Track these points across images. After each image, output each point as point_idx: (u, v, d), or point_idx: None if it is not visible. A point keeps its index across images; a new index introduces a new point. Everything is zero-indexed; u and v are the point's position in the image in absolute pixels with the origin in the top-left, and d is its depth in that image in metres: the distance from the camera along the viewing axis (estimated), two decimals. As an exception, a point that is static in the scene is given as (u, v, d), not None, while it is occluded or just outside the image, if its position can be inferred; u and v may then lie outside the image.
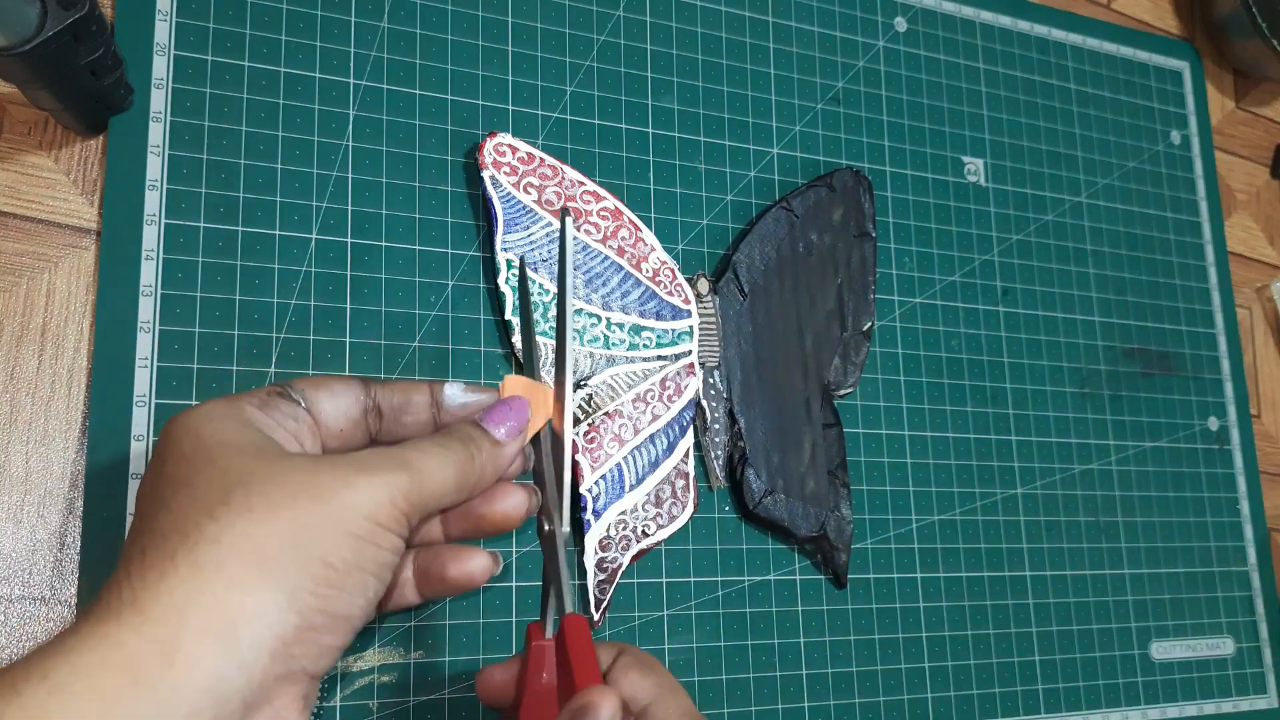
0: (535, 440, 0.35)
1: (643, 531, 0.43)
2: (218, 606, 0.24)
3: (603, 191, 0.46)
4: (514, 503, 0.33)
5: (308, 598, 0.26)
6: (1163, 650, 0.55)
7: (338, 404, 0.32)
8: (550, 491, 0.34)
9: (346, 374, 0.33)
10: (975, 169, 0.57)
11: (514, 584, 0.42)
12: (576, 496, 0.43)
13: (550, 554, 0.34)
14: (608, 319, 0.44)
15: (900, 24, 0.56)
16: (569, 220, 0.36)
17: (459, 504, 0.32)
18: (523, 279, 0.39)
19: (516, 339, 0.43)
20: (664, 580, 0.45)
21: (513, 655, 0.35)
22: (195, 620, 0.24)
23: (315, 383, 0.32)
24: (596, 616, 0.42)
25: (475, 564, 0.34)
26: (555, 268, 0.44)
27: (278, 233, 0.41)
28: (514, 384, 0.35)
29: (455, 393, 0.34)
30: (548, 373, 0.43)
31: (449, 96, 0.45)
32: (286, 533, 0.26)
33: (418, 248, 0.43)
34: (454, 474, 0.30)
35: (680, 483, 0.45)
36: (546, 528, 0.34)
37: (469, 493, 0.32)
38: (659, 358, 0.45)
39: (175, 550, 0.25)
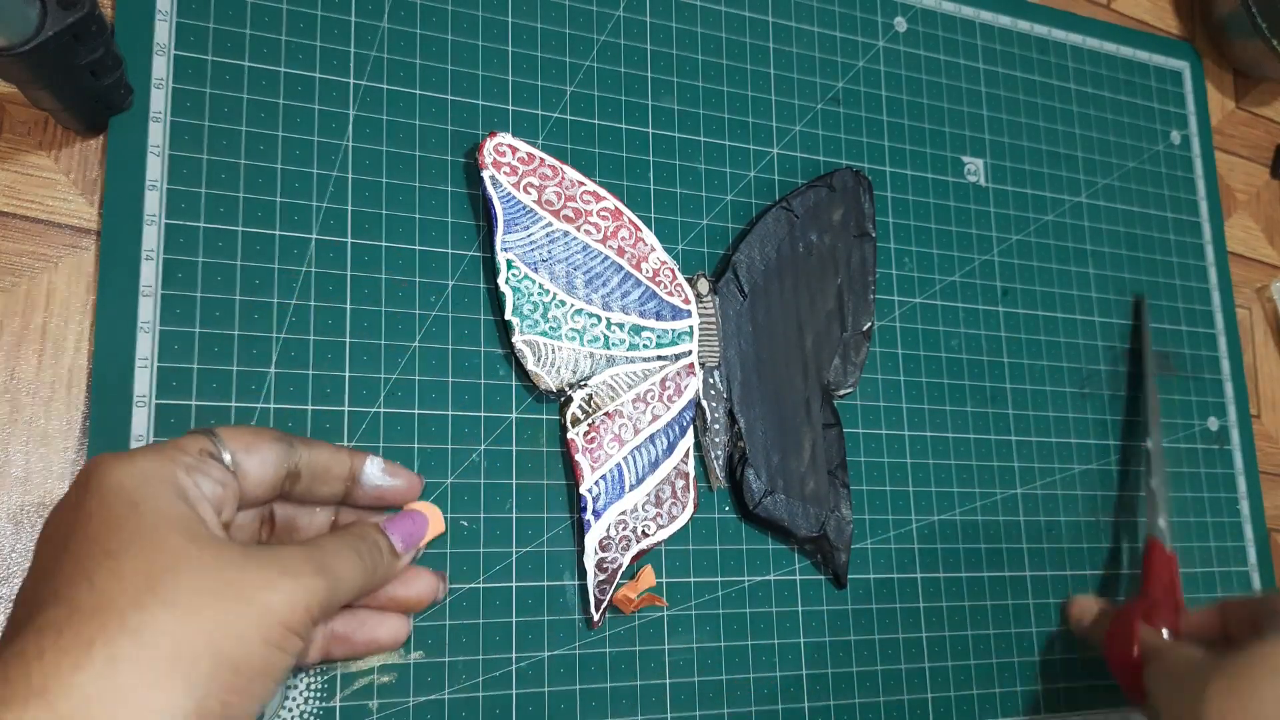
0: None
1: (643, 532, 0.43)
2: (128, 710, 0.24)
3: (603, 191, 0.46)
4: (423, 586, 0.37)
5: (214, 704, 0.25)
6: (1163, 650, 0.55)
7: (264, 469, 0.32)
8: None
9: (271, 430, 0.33)
10: (975, 169, 0.57)
11: (514, 584, 0.42)
12: (580, 513, 0.43)
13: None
14: (608, 319, 0.44)
15: (900, 24, 0.56)
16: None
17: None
18: None
19: (516, 339, 0.42)
20: (664, 580, 0.45)
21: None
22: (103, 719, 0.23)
23: (244, 442, 0.32)
24: (596, 617, 0.42)
25: (402, 628, 0.37)
26: (554, 268, 0.44)
27: (278, 233, 0.41)
28: (430, 511, 0.38)
29: (374, 472, 0.36)
30: (546, 370, 0.43)
31: (449, 96, 0.45)
32: (206, 633, 0.25)
33: (418, 248, 0.43)
34: (361, 582, 0.32)
35: (680, 483, 0.45)
36: None
37: (364, 595, 0.34)
38: (659, 358, 0.45)
39: (94, 639, 0.24)
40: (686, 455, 0.45)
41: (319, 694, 0.38)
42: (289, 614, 0.27)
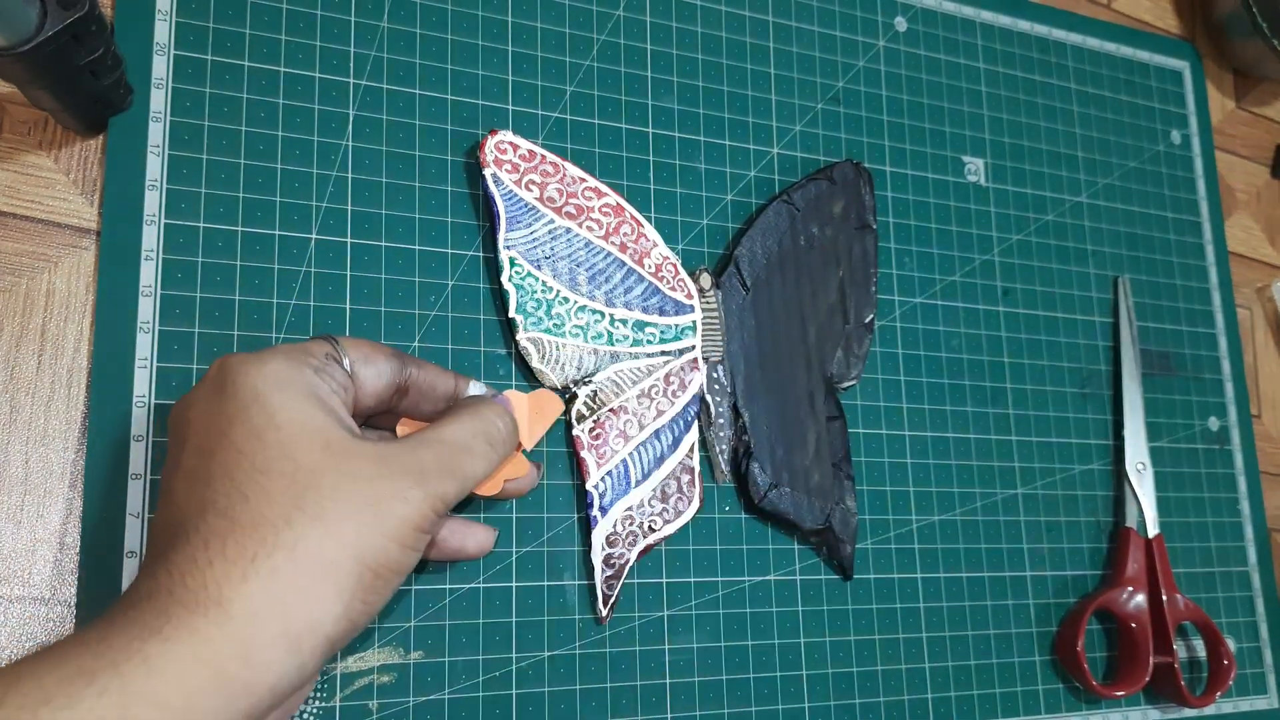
0: None
1: (649, 527, 0.43)
2: (289, 615, 0.26)
3: (604, 187, 0.46)
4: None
5: (359, 605, 0.28)
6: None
7: (378, 381, 0.34)
8: None
9: (386, 345, 0.35)
10: (975, 169, 0.57)
11: (514, 584, 0.42)
12: (587, 509, 0.43)
13: None
14: (611, 315, 0.44)
15: (900, 24, 0.56)
16: None
17: None
18: None
19: (520, 337, 0.42)
20: (664, 580, 0.45)
21: None
22: (271, 626, 0.26)
23: (363, 352, 0.33)
24: (604, 613, 0.42)
25: (488, 539, 0.38)
26: (556, 265, 0.44)
27: (278, 233, 0.41)
28: (515, 399, 0.38)
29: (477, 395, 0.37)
30: (550, 367, 0.43)
31: (449, 96, 0.45)
32: (350, 545, 0.28)
33: (418, 248, 0.43)
34: (489, 470, 0.34)
35: (685, 478, 0.45)
36: None
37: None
38: (663, 353, 0.45)
39: (256, 553, 0.27)
40: (691, 450, 0.45)
41: (319, 694, 0.38)
42: (419, 519, 0.29)
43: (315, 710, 0.38)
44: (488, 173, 0.43)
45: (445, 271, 0.44)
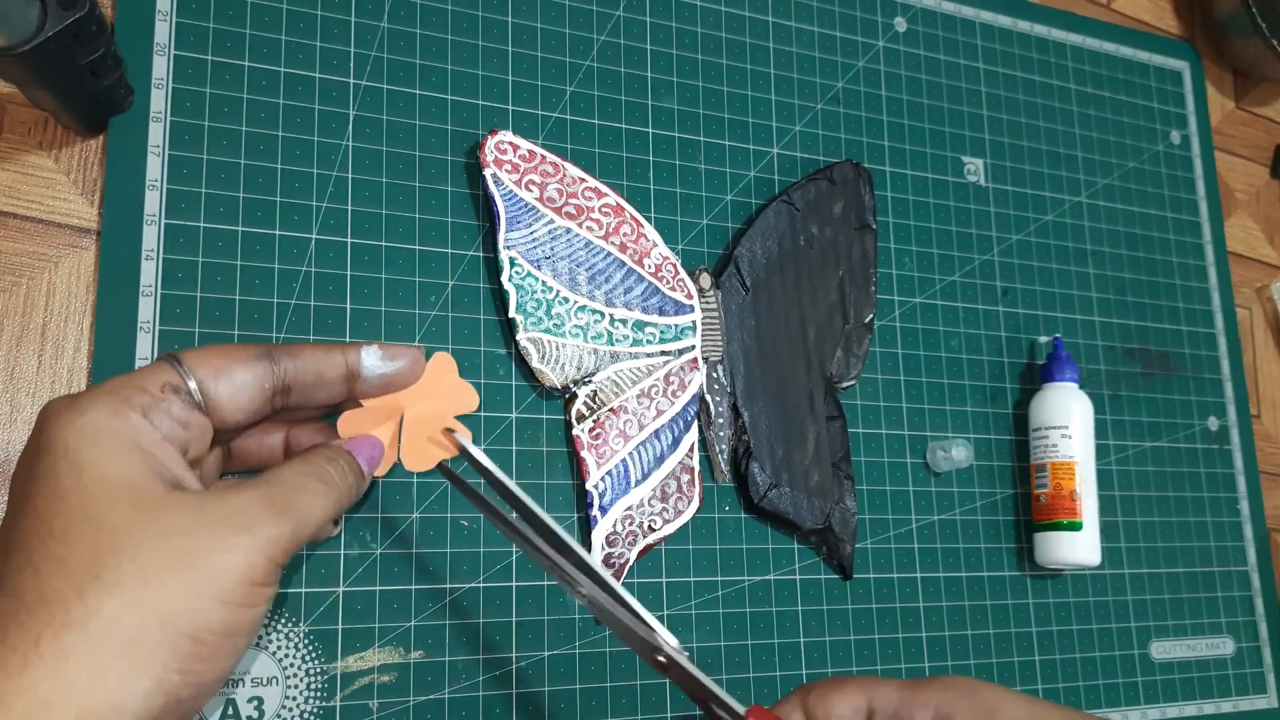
0: (577, 579, 0.33)
1: (649, 526, 0.43)
2: (83, 701, 0.23)
3: (604, 187, 0.46)
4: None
5: (174, 677, 0.25)
6: (1163, 650, 0.55)
7: (240, 394, 0.30)
8: (636, 627, 0.32)
9: (249, 346, 0.31)
10: (975, 169, 0.57)
11: (514, 584, 0.42)
12: (587, 509, 0.43)
13: (688, 679, 0.32)
14: (611, 315, 0.44)
15: (900, 24, 0.56)
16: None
17: None
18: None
19: (520, 336, 0.42)
20: (664, 580, 0.45)
21: None
22: (62, 715, 0.23)
23: (214, 367, 0.29)
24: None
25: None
26: (556, 265, 0.44)
27: (278, 233, 0.41)
28: (442, 362, 0.36)
29: (374, 362, 0.33)
30: (550, 367, 0.43)
31: (449, 96, 0.45)
32: (156, 610, 0.24)
33: (418, 248, 0.43)
34: (331, 511, 0.30)
35: (685, 477, 0.45)
36: (661, 658, 0.32)
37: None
38: (662, 353, 0.45)
39: (40, 634, 0.23)
40: (691, 450, 0.45)
41: (319, 694, 0.38)
42: (249, 569, 0.26)
43: (315, 710, 0.38)
44: (488, 173, 0.43)
45: (445, 271, 0.44)
